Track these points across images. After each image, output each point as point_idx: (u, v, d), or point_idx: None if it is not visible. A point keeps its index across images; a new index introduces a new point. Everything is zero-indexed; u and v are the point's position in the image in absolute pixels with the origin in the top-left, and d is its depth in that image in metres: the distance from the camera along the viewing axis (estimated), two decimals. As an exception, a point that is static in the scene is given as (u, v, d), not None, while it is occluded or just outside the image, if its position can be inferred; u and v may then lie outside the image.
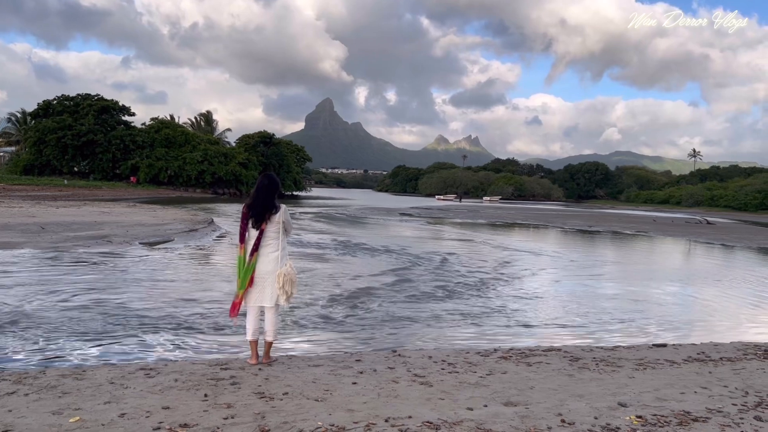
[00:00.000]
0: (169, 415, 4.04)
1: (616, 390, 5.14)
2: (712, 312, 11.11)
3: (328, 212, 44.26)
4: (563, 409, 4.51)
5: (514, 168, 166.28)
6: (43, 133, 66.90)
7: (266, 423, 3.96)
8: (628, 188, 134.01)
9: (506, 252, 20.31)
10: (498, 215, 50.88)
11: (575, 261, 18.70)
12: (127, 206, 32.79)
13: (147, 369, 5.27)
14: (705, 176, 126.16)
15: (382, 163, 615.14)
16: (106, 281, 10.60)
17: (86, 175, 69.81)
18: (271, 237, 5.46)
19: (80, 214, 24.59)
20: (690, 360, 6.54)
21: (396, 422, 4.05)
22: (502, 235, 30.38)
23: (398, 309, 9.60)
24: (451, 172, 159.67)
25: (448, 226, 35.63)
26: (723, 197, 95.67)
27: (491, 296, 11.34)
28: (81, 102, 71.45)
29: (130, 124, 75.29)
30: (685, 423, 4.30)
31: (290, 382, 4.95)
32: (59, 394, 4.43)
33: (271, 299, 5.42)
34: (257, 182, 5.59)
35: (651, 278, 15.50)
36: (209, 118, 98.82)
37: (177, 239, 18.11)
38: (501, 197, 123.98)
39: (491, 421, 4.15)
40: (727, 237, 32.54)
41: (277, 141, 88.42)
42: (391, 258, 16.66)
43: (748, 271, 18.25)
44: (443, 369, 5.66)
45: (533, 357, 6.37)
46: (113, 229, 19.15)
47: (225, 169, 73.26)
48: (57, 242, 15.21)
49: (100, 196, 48.52)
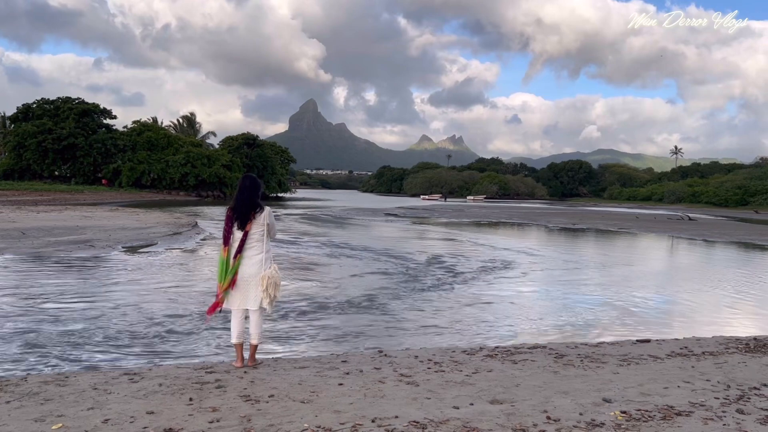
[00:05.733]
0: (154, 420, 4.01)
1: (601, 386, 5.18)
2: (695, 307, 11.24)
3: (313, 213, 44.14)
4: (549, 406, 4.54)
5: (498, 167, 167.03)
6: (22, 137, 65.98)
7: (252, 426, 3.94)
8: (611, 186, 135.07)
9: (491, 250, 20.38)
10: (483, 214, 51.08)
11: (559, 258, 18.82)
12: (110, 210, 32.46)
13: (131, 374, 5.22)
14: (686, 173, 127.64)
15: (367, 163, 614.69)
16: (83, 286, 10.49)
17: (67, 180, 68.98)
18: (255, 239, 5.44)
19: (62, 218, 24.30)
20: (673, 355, 6.61)
21: (383, 422, 4.05)
22: (487, 234, 30.51)
23: (372, 314, 9.60)
24: (436, 172, 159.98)
25: (433, 225, 35.70)
26: (704, 193, 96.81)
27: (475, 293, 11.37)
28: (61, 105, 70.56)
29: (111, 128, 74.50)
30: (668, 417, 4.34)
31: (276, 384, 4.93)
32: (41, 401, 4.37)
33: (255, 302, 5.40)
34: (239, 184, 5.58)
35: (633, 274, 15.65)
36: (192, 121, 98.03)
37: (160, 243, 17.97)
38: (485, 196, 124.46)
39: (477, 420, 4.17)
40: (709, 232, 32.94)
41: (261, 143, 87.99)
42: (377, 259, 16.66)
43: (729, 266, 18.50)
44: (429, 368, 5.67)
45: (518, 355, 6.40)
46: (95, 233, 18.95)
47: (209, 171, 72.72)
48: (38, 247, 15.02)
49: (82, 200, 47.99)
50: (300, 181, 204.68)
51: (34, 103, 71.55)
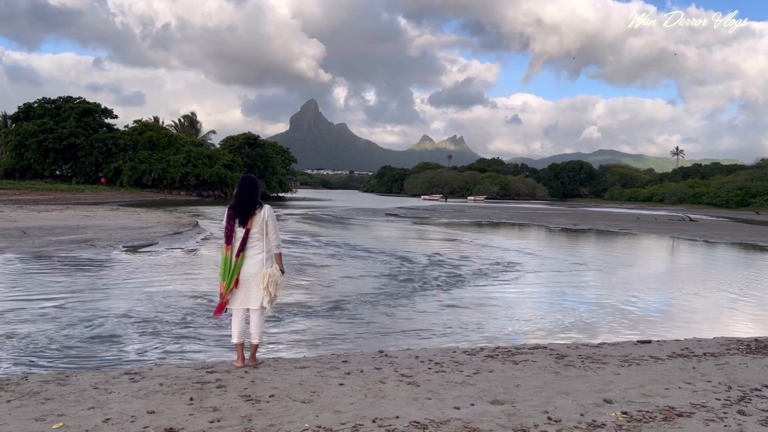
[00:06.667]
0: (155, 420, 4.01)
1: (602, 387, 5.18)
2: (696, 308, 11.23)
3: (314, 213, 44.13)
4: (549, 406, 4.54)
5: (499, 168, 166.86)
6: (23, 136, 65.98)
7: (253, 426, 3.94)
8: (612, 186, 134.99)
9: (491, 251, 20.38)
10: (483, 214, 51.06)
11: (559, 259, 18.81)
12: (111, 210, 32.45)
13: (131, 373, 5.22)
14: (687, 174, 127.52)
15: (368, 163, 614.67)
16: (84, 285, 10.49)
17: (68, 179, 68.93)
18: (256, 238, 5.45)
19: (63, 218, 24.30)
20: (674, 356, 6.60)
21: (383, 422, 4.05)
22: (488, 234, 30.49)
23: (377, 311, 9.59)
24: (437, 172, 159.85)
25: (434, 226, 35.69)
26: (705, 194, 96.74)
27: (475, 293, 11.37)
28: (62, 105, 70.54)
29: (112, 127, 74.49)
30: (669, 418, 4.34)
31: (277, 384, 4.93)
32: (42, 401, 4.37)
33: (256, 301, 5.41)
34: (238, 183, 5.65)
35: (634, 275, 15.64)
36: (193, 120, 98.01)
37: (161, 242, 17.97)
38: (486, 196, 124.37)
39: (478, 420, 4.16)
40: (710, 233, 32.91)
41: (262, 143, 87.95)
42: (378, 260, 16.65)
43: (730, 267, 18.49)
44: (430, 368, 5.67)
45: (519, 355, 6.40)
46: (96, 233, 18.96)
47: (209, 171, 72.69)
48: (39, 247, 15.02)
49: (83, 199, 47.98)
50: (301, 181, 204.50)
51: (36, 102, 71.52)
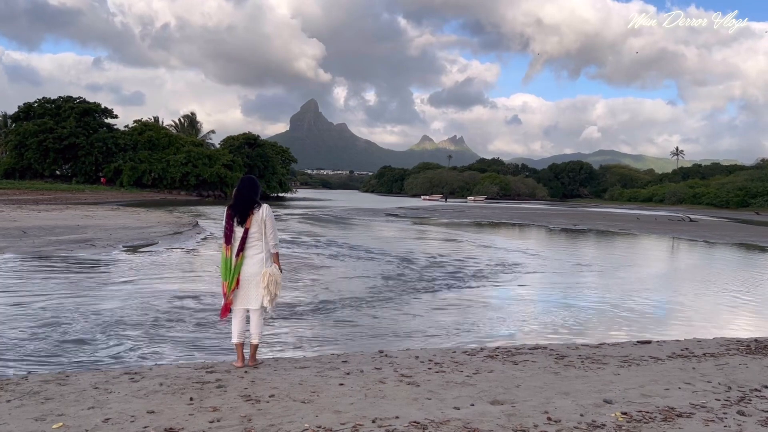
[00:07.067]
0: (155, 420, 4.01)
1: (602, 387, 5.18)
2: (695, 308, 11.23)
3: (314, 213, 44.13)
4: (549, 407, 4.54)
5: (499, 168, 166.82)
6: (23, 136, 65.99)
7: (253, 426, 3.94)
8: (612, 187, 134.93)
9: (491, 251, 20.38)
10: (483, 215, 51.05)
11: (559, 259, 18.81)
12: (111, 210, 32.45)
13: (131, 373, 5.22)
14: (687, 174, 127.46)
15: (368, 163, 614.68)
16: (82, 285, 10.49)
17: (68, 179, 68.93)
18: (255, 238, 5.45)
19: (63, 218, 24.30)
20: (674, 356, 6.60)
21: (383, 423, 4.05)
22: (488, 234, 30.49)
23: (377, 311, 9.59)
24: (437, 173, 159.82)
25: (434, 226, 35.69)
26: (705, 195, 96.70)
27: (475, 294, 11.37)
28: (62, 105, 70.53)
29: (112, 127, 74.48)
30: (669, 419, 4.34)
31: (277, 384, 4.93)
32: (42, 400, 4.37)
33: (257, 301, 5.42)
34: (238, 184, 5.66)
35: (634, 275, 15.63)
36: (193, 120, 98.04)
37: (161, 242, 17.97)
38: (486, 197, 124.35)
39: (478, 420, 4.16)
40: (710, 234, 32.91)
41: (262, 142, 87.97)
42: (379, 260, 16.65)
43: (730, 267, 18.48)
44: (430, 369, 5.67)
45: (519, 355, 6.40)
46: (96, 232, 18.96)
47: (209, 171, 72.71)
48: (39, 246, 15.03)
49: (83, 199, 47.97)
50: (301, 181, 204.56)
51: (36, 102, 71.51)
